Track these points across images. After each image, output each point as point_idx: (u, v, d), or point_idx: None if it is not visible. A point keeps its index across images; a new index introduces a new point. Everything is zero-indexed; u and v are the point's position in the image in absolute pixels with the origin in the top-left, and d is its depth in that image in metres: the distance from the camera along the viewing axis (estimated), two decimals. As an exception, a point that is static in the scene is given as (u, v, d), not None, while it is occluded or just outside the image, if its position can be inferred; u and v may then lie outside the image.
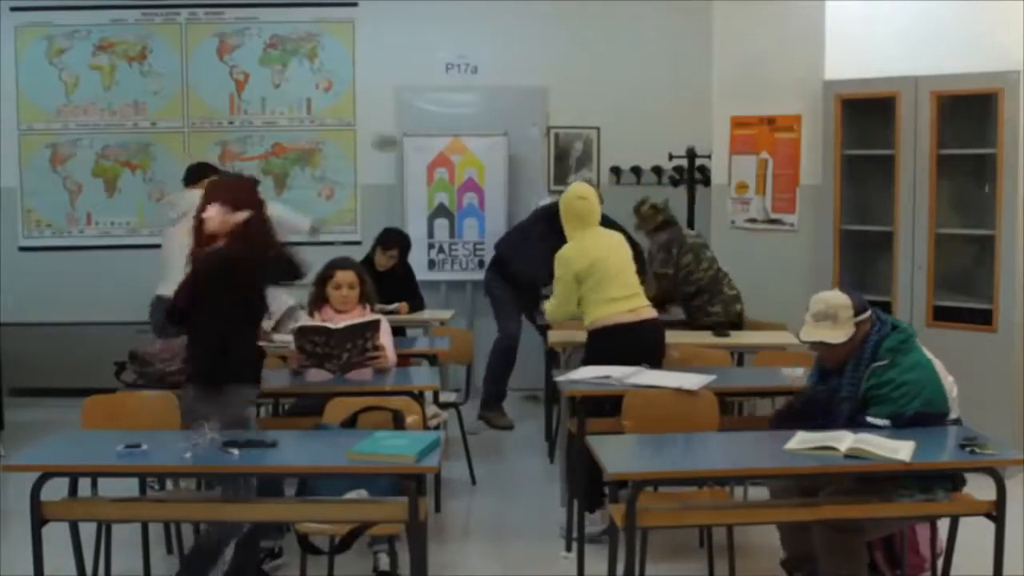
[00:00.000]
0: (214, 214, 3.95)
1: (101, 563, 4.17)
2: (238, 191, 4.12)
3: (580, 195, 5.18)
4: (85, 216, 8.20)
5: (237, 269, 3.95)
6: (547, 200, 7.39)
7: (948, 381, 3.77)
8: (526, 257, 6.72)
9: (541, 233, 6.75)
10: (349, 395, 4.35)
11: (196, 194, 5.63)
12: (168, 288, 5.51)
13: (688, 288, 6.16)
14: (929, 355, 3.78)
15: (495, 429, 6.71)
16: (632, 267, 5.18)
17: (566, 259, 5.07)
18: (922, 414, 3.64)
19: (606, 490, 4.37)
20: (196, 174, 6.25)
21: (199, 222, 4.04)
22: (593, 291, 5.00)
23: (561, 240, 5.19)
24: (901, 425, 3.60)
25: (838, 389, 3.79)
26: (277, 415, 5.30)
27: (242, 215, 3.96)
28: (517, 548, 4.88)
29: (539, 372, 7.04)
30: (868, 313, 3.74)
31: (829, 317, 3.70)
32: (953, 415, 3.75)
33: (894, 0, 6.20)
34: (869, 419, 3.66)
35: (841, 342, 3.70)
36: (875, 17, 6.27)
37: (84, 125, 8.14)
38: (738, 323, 6.09)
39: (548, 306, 5.28)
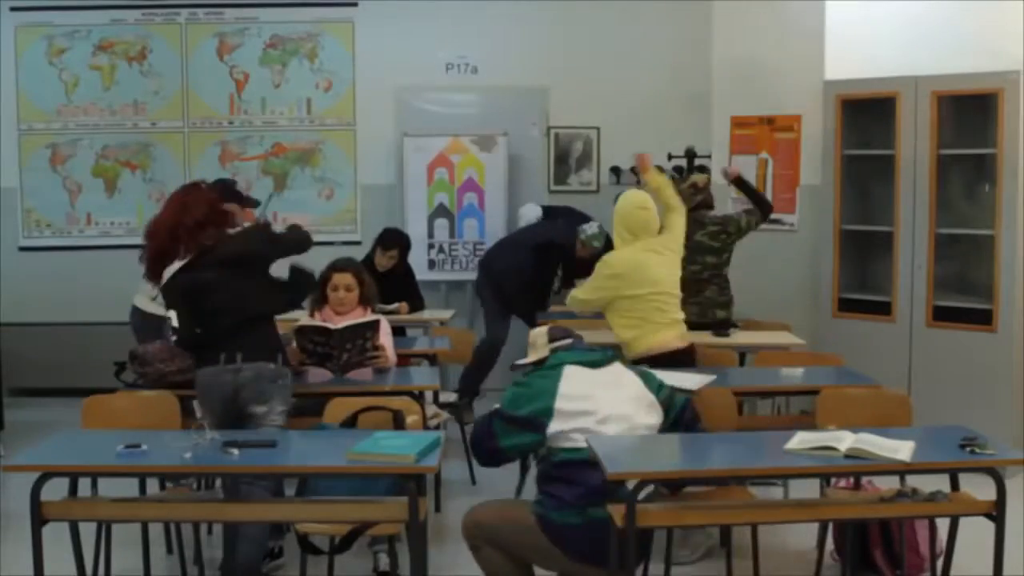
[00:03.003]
0: None
1: (101, 563, 4.17)
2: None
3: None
4: (85, 216, 8.20)
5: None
6: (534, 209, 7.38)
7: None
8: (519, 283, 6.76)
9: (535, 266, 6.77)
10: (349, 395, 4.35)
11: None
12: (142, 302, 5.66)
13: None
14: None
15: (463, 423, 6.54)
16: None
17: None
18: None
19: None
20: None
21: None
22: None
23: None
24: None
25: None
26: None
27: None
28: (517, 548, 4.87)
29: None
30: (567, 340, 3.84)
31: (531, 346, 3.91)
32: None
33: (894, 0, 6.21)
34: None
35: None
36: (875, 17, 6.27)
37: (84, 125, 8.14)
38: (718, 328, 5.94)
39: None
